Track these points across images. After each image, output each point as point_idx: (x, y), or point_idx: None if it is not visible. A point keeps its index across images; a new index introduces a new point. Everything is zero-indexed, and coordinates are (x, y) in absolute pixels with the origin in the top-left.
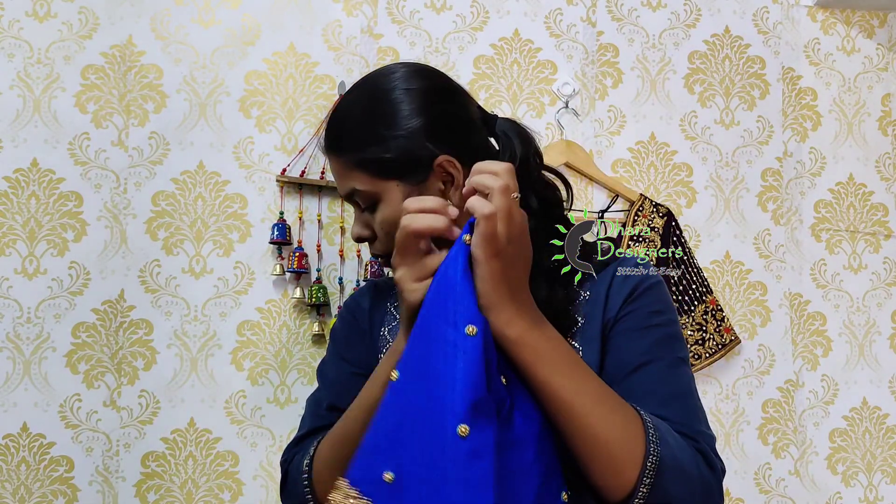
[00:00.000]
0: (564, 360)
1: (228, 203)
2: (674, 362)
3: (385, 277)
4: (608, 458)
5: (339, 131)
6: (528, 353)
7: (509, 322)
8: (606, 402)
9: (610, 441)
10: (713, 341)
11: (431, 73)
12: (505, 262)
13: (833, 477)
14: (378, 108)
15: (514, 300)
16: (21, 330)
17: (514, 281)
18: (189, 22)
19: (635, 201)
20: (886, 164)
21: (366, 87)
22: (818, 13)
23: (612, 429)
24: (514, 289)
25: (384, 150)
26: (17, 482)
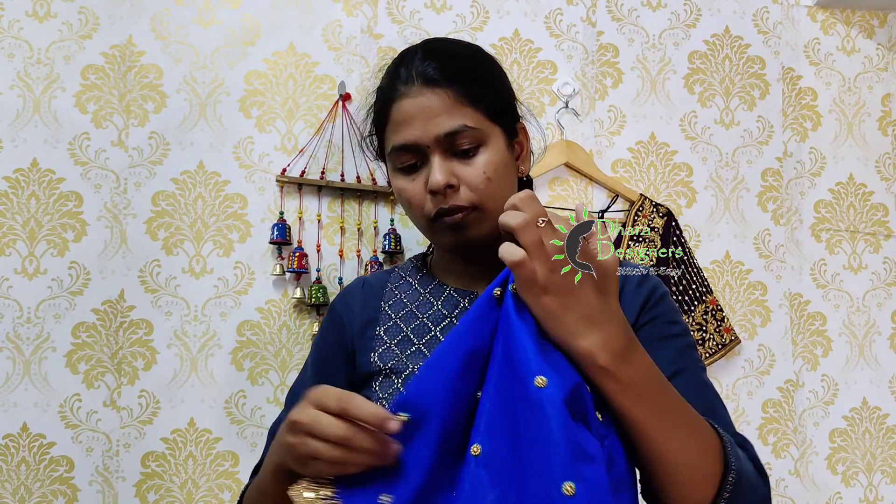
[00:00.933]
0: (650, 389)
1: (228, 203)
2: (701, 371)
3: (376, 272)
4: (688, 479)
5: (454, 62)
6: (611, 384)
7: (589, 354)
8: (688, 426)
9: (690, 462)
10: (713, 341)
11: None
12: (558, 295)
13: (833, 477)
14: (485, 56)
15: (588, 328)
16: (21, 330)
17: (581, 307)
18: (189, 22)
19: (635, 201)
20: (886, 164)
21: (460, 41)
22: (818, 13)
23: (693, 451)
24: (583, 316)
25: (499, 92)
26: (17, 482)
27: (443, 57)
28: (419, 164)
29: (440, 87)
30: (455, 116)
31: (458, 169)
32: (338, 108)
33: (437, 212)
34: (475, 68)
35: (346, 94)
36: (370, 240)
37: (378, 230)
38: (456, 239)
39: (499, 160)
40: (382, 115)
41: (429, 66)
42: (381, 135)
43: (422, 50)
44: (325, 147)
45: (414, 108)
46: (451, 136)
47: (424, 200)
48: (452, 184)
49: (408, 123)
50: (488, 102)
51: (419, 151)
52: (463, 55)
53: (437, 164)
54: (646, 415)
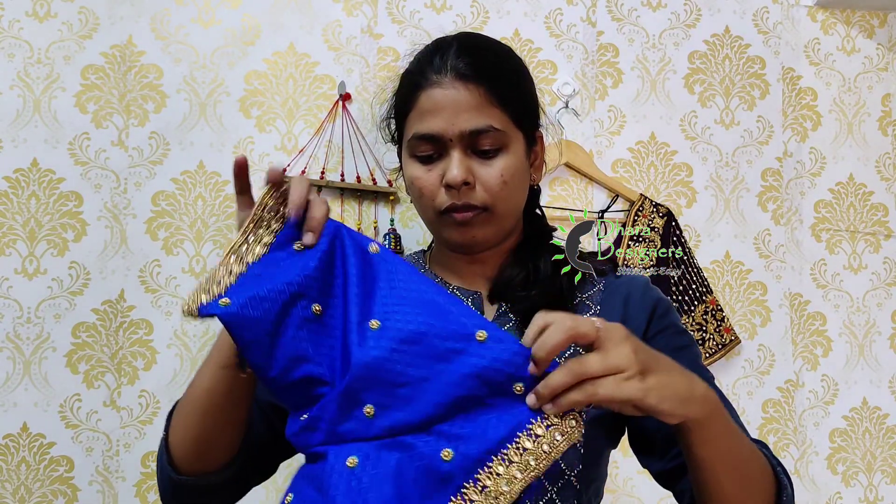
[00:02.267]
0: (718, 418)
1: (228, 203)
2: (712, 380)
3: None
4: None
5: (489, 61)
6: (698, 432)
7: (700, 408)
8: (746, 454)
9: (753, 492)
10: (713, 341)
11: None
12: (655, 369)
13: (833, 477)
14: (517, 59)
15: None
16: (21, 330)
17: (668, 367)
18: (189, 22)
19: (635, 201)
20: (886, 164)
21: (494, 40)
22: (818, 13)
23: (755, 479)
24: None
25: (526, 98)
26: (17, 482)
27: (478, 53)
28: (437, 155)
29: (473, 83)
30: (483, 115)
31: (476, 168)
32: (338, 108)
33: (448, 206)
34: (508, 70)
35: (346, 94)
36: None
37: (378, 230)
38: (462, 236)
39: (516, 166)
40: (407, 101)
41: (463, 60)
42: (402, 119)
43: (458, 42)
44: (325, 147)
45: (443, 100)
46: (475, 134)
47: (437, 193)
48: (469, 181)
49: (434, 113)
50: (515, 106)
51: (440, 143)
52: (498, 54)
53: (457, 160)
54: (725, 455)
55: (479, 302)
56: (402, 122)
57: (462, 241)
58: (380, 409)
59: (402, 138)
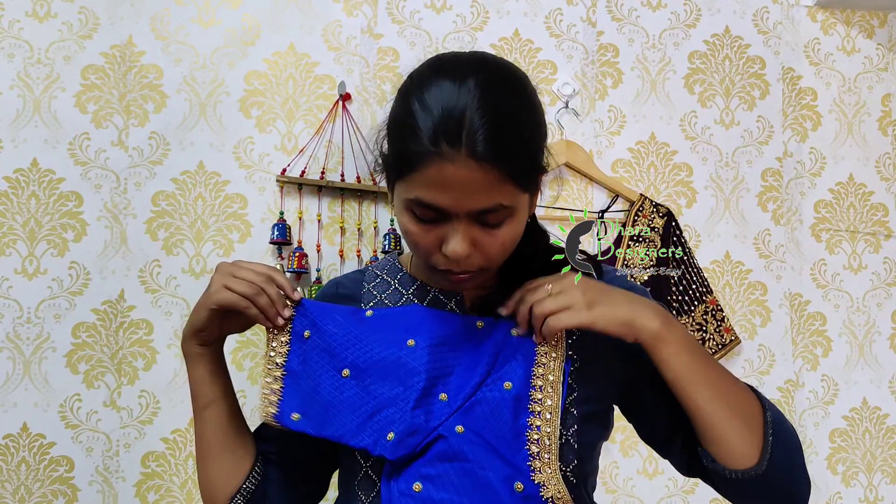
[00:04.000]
0: (692, 344)
1: (228, 203)
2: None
3: (347, 273)
4: (739, 423)
5: (509, 135)
6: (665, 348)
7: (646, 325)
8: (726, 374)
9: (739, 407)
10: (713, 341)
11: None
12: (601, 301)
13: (833, 477)
14: (534, 112)
15: (635, 309)
16: (21, 330)
17: (618, 297)
18: (189, 22)
19: (635, 201)
20: (886, 164)
21: (513, 83)
22: (818, 13)
23: (739, 395)
24: (625, 302)
25: (538, 159)
26: (17, 482)
27: (498, 128)
28: (437, 220)
29: (488, 163)
30: (493, 194)
31: (478, 237)
32: (338, 108)
33: (444, 269)
34: (527, 140)
35: (346, 94)
36: (370, 240)
37: (378, 230)
38: (452, 287)
39: (519, 229)
40: (413, 161)
41: (481, 137)
42: (402, 170)
43: (477, 104)
44: (325, 147)
45: (454, 178)
46: (483, 212)
47: (434, 253)
48: (471, 254)
49: (442, 189)
50: (527, 175)
51: (443, 213)
52: (519, 121)
53: (461, 234)
54: (697, 369)
55: (462, 305)
56: (402, 173)
57: (453, 290)
58: (451, 396)
59: (396, 179)
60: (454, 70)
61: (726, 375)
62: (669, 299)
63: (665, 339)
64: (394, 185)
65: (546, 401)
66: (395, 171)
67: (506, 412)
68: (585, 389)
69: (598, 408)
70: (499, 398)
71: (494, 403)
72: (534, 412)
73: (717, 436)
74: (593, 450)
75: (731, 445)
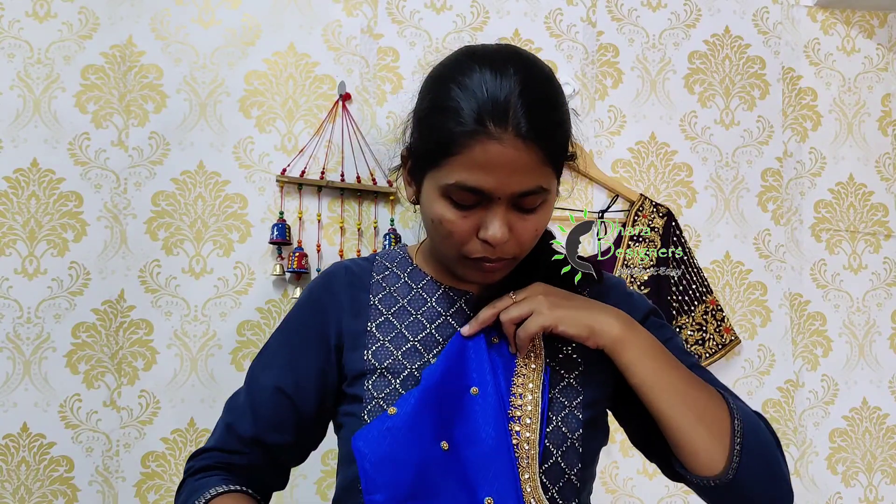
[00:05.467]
0: (657, 348)
1: (228, 203)
2: (698, 365)
3: (355, 259)
4: (706, 431)
5: (551, 117)
6: (628, 352)
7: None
8: (693, 380)
9: (705, 413)
10: (713, 341)
11: None
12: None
13: (833, 477)
14: (564, 100)
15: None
16: (21, 330)
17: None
18: (189, 22)
19: (635, 201)
20: (886, 164)
21: (546, 71)
22: (818, 13)
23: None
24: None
25: (568, 146)
26: (17, 482)
27: (542, 110)
28: (476, 205)
29: (533, 143)
30: (535, 176)
31: (514, 222)
32: (338, 108)
33: (480, 257)
34: (563, 122)
35: (346, 94)
36: (370, 240)
37: (378, 230)
38: (483, 279)
39: (548, 217)
40: (455, 142)
41: (527, 118)
42: (441, 155)
43: (520, 87)
44: (325, 147)
45: (500, 158)
46: (524, 194)
47: (469, 240)
48: (508, 238)
49: (488, 170)
50: (561, 160)
51: (485, 197)
52: (557, 105)
53: (501, 218)
54: (661, 375)
55: (472, 303)
56: (439, 158)
57: (482, 282)
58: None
59: (429, 166)
60: (491, 57)
61: (693, 382)
62: (669, 299)
63: (627, 345)
64: (424, 175)
65: (526, 407)
66: (431, 159)
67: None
68: (590, 393)
69: (600, 411)
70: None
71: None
72: (514, 418)
73: (682, 442)
74: (595, 455)
75: (696, 452)
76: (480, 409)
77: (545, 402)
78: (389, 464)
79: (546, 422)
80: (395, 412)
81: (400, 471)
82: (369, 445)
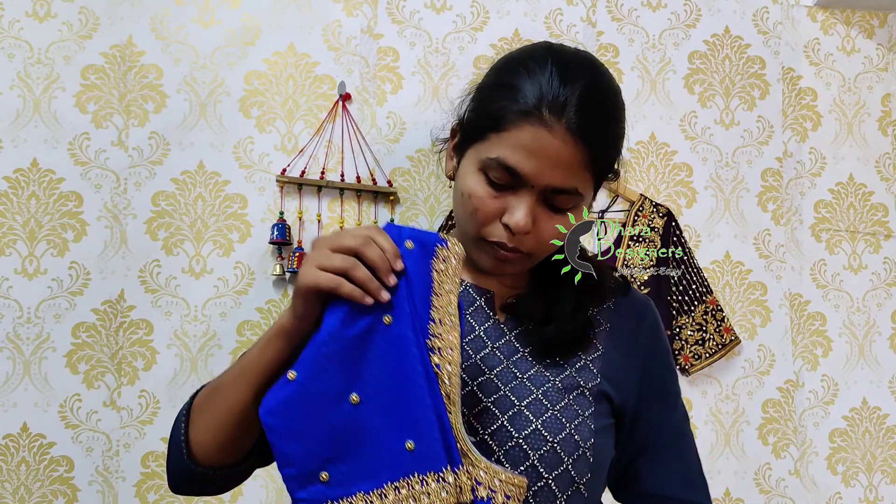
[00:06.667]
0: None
1: (228, 203)
2: (691, 433)
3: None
4: None
5: (605, 125)
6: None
7: None
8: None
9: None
10: (713, 341)
11: None
12: None
13: (833, 477)
14: (623, 122)
15: None
16: (21, 330)
17: None
18: (189, 22)
19: (635, 201)
20: (886, 164)
21: (617, 89)
22: (818, 13)
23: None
24: None
25: (613, 163)
26: (17, 482)
27: (600, 113)
28: (509, 186)
29: (581, 142)
30: (574, 177)
31: (539, 217)
32: (338, 108)
33: (497, 241)
34: (616, 137)
35: (346, 94)
36: None
37: None
38: (494, 268)
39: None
40: (504, 120)
41: (584, 116)
42: (489, 128)
43: (584, 85)
44: (325, 147)
45: (548, 146)
46: (558, 191)
47: (492, 221)
48: (530, 230)
49: (532, 154)
50: (604, 173)
51: (520, 181)
52: (614, 117)
53: (527, 207)
54: None
55: (492, 302)
56: (487, 132)
57: (491, 271)
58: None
59: (475, 140)
60: (567, 57)
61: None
62: (669, 299)
63: None
64: (468, 148)
65: (447, 336)
66: (480, 131)
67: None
68: (604, 405)
69: (611, 422)
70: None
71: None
72: (433, 349)
73: None
74: (607, 463)
75: None
76: (395, 343)
77: (462, 328)
78: (295, 434)
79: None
80: (294, 376)
81: (308, 440)
82: (273, 416)
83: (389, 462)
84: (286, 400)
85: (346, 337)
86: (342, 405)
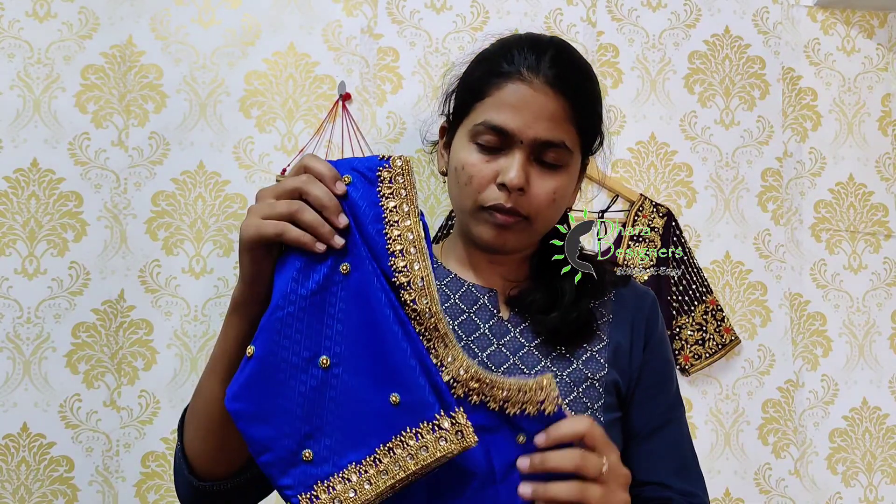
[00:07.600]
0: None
1: (228, 203)
2: (684, 420)
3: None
4: None
5: (582, 79)
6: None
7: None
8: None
9: None
10: (713, 341)
11: None
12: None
13: (833, 477)
14: (599, 84)
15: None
16: (21, 330)
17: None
18: (189, 22)
19: (635, 201)
20: (886, 164)
21: (583, 57)
22: (818, 13)
23: None
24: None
25: (597, 125)
26: (17, 482)
27: (573, 68)
28: (499, 149)
29: (561, 94)
30: (560, 129)
31: (533, 176)
32: (338, 108)
33: (494, 204)
34: (593, 93)
35: (346, 94)
36: None
37: None
38: (495, 239)
39: (568, 186)
40: (487, 86)
41: (559, 69)
42: (473, 101)
43: (555, 49)
44: (325, 147)
45: (529, 99)
46: (546, 145)
47: (487, 187)
48: (524, 188)
49: (515, 110)
50: (588, 131)
51: (508, 139)
52: (588, 76)
53: (520, 163)
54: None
55: (495, 300)
56: (473, 103)
57: (493, 243)
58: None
59: (463, 117)
60: (537, 35)
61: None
62: (669, 299)
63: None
64: (456, 132)
65: (412, 266)
66: (464, 108)
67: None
68: (612, 398)
69: (618, 415)
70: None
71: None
72: (401, 285)
73: None
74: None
75: None
76: (356, 292)
77: (431, 254)
78: (263, 415)
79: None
80: (252, 352)
81: (279, 418)
82: (237, 401)
83: (376, 423)
84: (248, 380)
85: (302, 295)
86: (311, 371)
